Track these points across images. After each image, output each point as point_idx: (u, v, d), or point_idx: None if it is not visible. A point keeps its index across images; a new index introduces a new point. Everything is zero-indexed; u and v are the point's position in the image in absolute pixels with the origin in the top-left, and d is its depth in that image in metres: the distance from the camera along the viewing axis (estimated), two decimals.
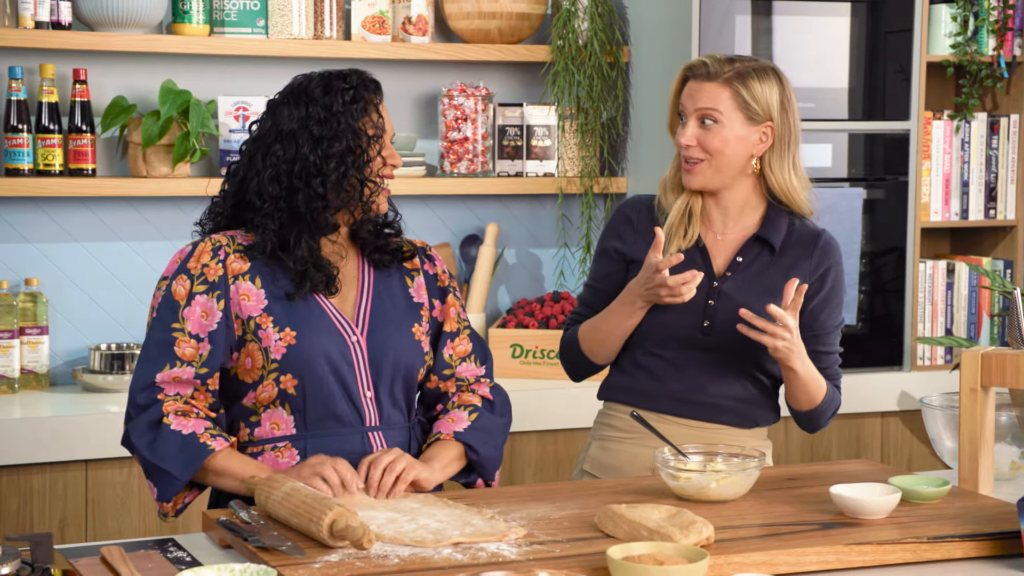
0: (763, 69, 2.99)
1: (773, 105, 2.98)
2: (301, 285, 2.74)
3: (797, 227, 3.04)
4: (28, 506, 3.79)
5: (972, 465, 2.86)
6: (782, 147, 3.00)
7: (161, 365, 2.70)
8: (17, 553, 2.23)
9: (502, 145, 4.60)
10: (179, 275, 2.74)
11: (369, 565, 2.25)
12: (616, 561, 2.17)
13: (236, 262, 2.74)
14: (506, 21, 4.52)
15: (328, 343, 2.73)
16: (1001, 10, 4.70)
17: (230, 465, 2.67)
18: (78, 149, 4.19)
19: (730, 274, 3.00)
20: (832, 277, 3.05)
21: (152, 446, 2.66)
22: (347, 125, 2.72)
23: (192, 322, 2.71)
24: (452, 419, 2.85)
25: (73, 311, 4.30)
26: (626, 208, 3.13)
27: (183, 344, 2.70)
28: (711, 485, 2.63)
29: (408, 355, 2.81)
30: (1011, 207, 4.83)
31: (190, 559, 2.39)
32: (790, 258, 3.02)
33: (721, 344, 2.97)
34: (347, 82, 2.76)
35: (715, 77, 2.96)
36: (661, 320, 2.98)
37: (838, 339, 3.07)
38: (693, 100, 2.98)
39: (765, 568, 2.31)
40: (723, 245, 3.04)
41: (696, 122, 2.97)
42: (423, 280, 2.90)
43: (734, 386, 3.00)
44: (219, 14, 4.32)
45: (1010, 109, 4.84)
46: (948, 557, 2.42)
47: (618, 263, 3.08)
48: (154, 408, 2.69)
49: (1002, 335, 4.82)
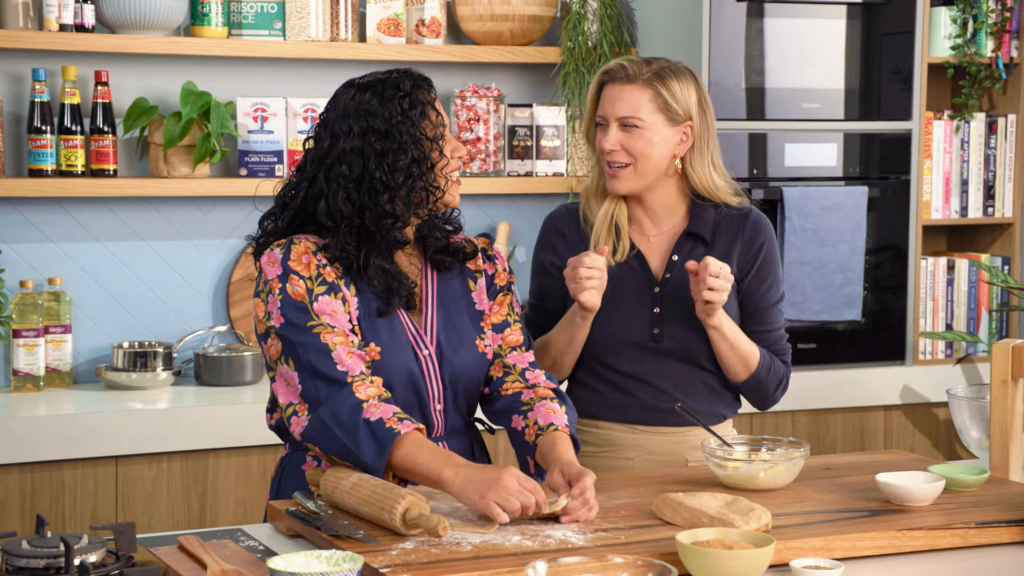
0: (679, 69, 3.01)
1: (692, 104, 3.00)
2: (390, 302, 2.72)
3: (724, 213, 3.07)
4: (60, 502, 3.85)
5: (1003, 453, 2.95)
6: (702, 146, 3.02)
7: (326, 354, 2.62)
8: (103, 542, 2.30)
9: (512, 145, 4.68)
10: (290, 276, 2.66)
11: (444, 552, 2.32)
12: (686, 546, 2.25)
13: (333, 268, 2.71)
14: (518, 23, 4.61)
15: (409, 359, 2.73)
16: (999, 13, 4.82)
17: (414, 456, 2.56)
18: (100, 150, 4.25)
19: (669, 275, 3.04)
20: (765, 252, 3.08)
21: (345, 433, 2.58)
22: (408, 135, 2.69)
23: (327, 316, 2.66)
24: (552, 411, 2.78)
25: (95, 310, 4.36)
26: (554, 220, 3.15)
27: (328, 333, 2.64)
28: (759, 474, 2.72)
29: (474, 369, 2.80)
30: (1008, 205, 4.94)
31: (263, 548, 2.46)
32: (723, 245, 3.05)
33: (674, 348, 3.03)
34: (400, 88, 2.73)
35: (634, 79, 2.97)
36: (612, 332, 3.02)
37: (780, 317, 3.11)
38: (614, 105, 2.98)
39: (823, 552, 2.40)
40: (656, 246, 3.07)
41: (618, 126, 2.98)
42: (484, 283, 2.88)
43: (693, 386, 3.06)
44: (237, 16, 4.38)
45: (1007, 109, 4.95)
46: (995, 542, 2.51)
47: (557, 277, 3.07)
48: (347, 394, 2.60)
49: (1000, 329, 4.93)
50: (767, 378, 3.06)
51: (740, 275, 3.06)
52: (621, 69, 2.99)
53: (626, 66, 3.00)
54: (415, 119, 2.72)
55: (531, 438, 2.78)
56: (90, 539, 2.30)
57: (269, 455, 4.02)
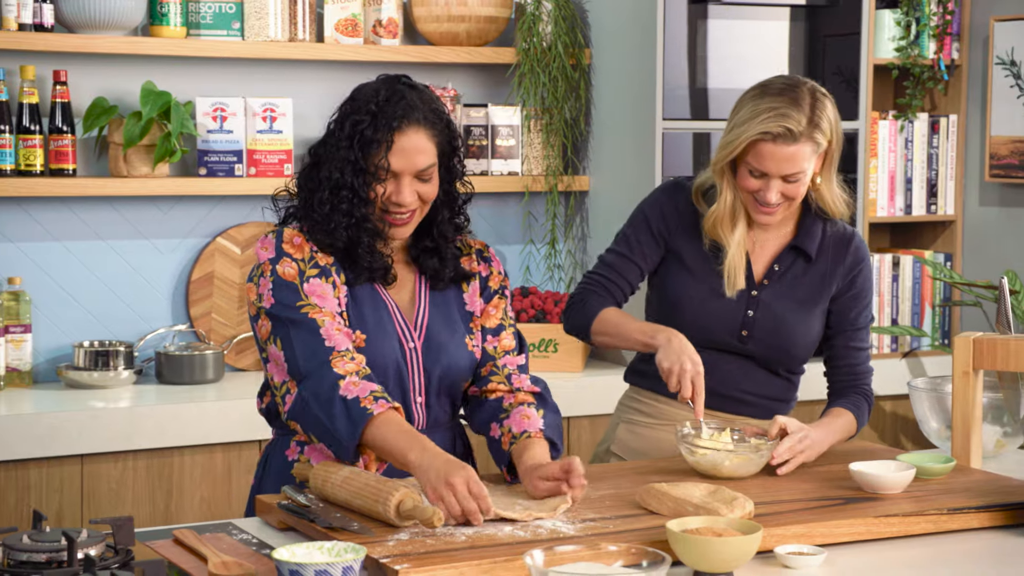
0: (822, 103, 2.99)
1: (834, 127, 3.02)
2: (359, 275, 2.76)
3: (829, 232, 3.14)
4: (26, 500, 3.86)
5: (964, 443, 3.05)
6: (834, 160, 3.07)
7: (315, 331, 2.67)
8: (103, 536, 2.33)
9: (467, 145, 4.74)
10: (282, 258, 2.72)
11: (439, 542, 2.37)
12: (677, 533, 2.32)
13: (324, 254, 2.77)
14: (474, 24, 4.66)
15: (394, 347, 2.78)
16: (941, 16, 4.94)
17: (384, 435, 2.60)
18: (59, 149, 4.26)
19: (767, 282, 3.11)
20: (863, 278, 3.16)
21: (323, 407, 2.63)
22: (347, 162, 2.72)
23: (316, 297, 2.71)
24: (527, 416, 2.82)
25: (54, 310, 4.36)
26: (677, 197, 3.15)
27: (316, 312, 2.69)
28: (725, 463, 2.80)
29: (460, 365, 2.84)
30: (950, 203, 5.07)
31: (256, 541, 2.50)
32: (824, 264, 3.13)
33: (757, 351, 3.12)
34: (366, 114, 2.73)
35: (797, 138, 2.95)
36: (702, 325, 3.07)
37: (868, 336, 3.19)
38: (779, 165, 2.97)
39: (804, 539, 2.47)
40: (762, 252, 3.14)
41: (780, 180, 2.99)
42: (478, 285, 2.91)
43: (764, 385, 3.15)
44: (195, 16, 4.41)
45: (949, 110, 5.07)
46: (966, 527, 2.61)
47: (658, 244, 3.15)
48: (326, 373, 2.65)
49: (943, 324, 5.05)
50: (861, 425, 3.14)
51: (837, 293, 3.13)
52: (784, 130, 2.95)
53: (789, 127, 2.94)
54: (356, 149, 2.72)
55: (506, 446, 2.80)
56: (89, 533, 2.32)
57: (233, 453, 4.05)
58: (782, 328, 3.10)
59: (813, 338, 3.15)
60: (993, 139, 4.87)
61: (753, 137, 2.97)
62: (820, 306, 3.13)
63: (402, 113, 2.71)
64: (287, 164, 4.47)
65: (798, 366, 3.18)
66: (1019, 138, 4.79)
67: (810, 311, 3.11)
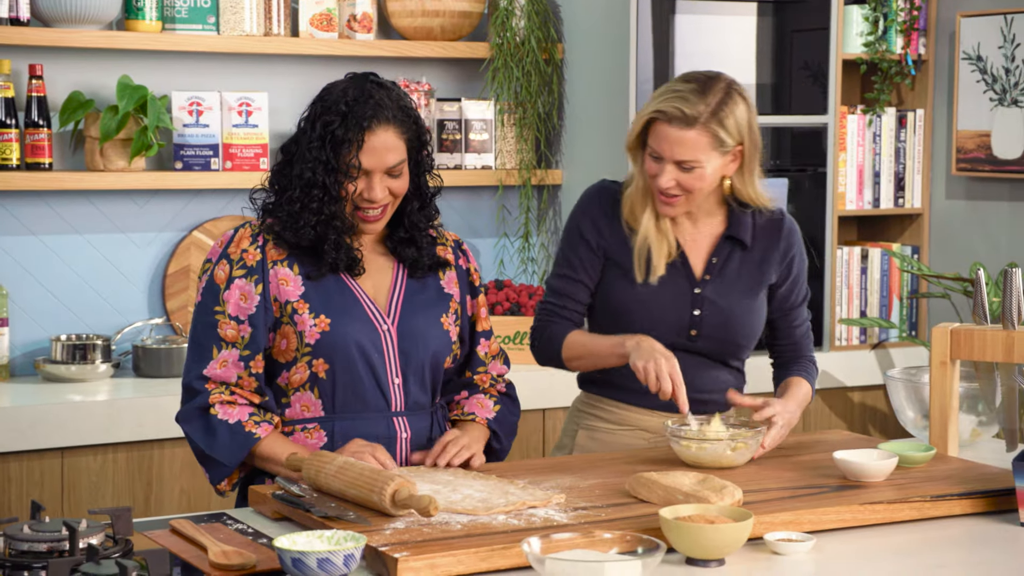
0: (732, 97, 3.00)
1: (743, 129, 3.02)
2: (319, 266, 2.85)
3: (758, 219, 3.18)
4: (6, 493, 3.86)
5: (942, 432, 3.10)
6: (751, 162, 3.08)
7: (208, 349, 2.83)
8: (103, 526, 2.35)
9: (441, 139, 4.77)
10: (221, 260, 2.86)
11: (435, 531, 2.41)
12: (670, 521, 2.36)
13: (275, 248, 2.86)
14: (448, 19, 4.69)
15: (360, 331, 2.86)
16: (908, 11, 5.00)
17: (275, 450, 2.80)
18: (35, 143, 4.26)
19: (708, 277, 3.13)
20: (798, 259, 3.22)
21: (203, 435, 2.81)
22: (318, 162, 2.80)
23: (231, 304, 2.83)
24: (480, 404, 3.01)
25: (30, 303, 4.37)
26: (604, 200, 3.17)
27: (225, 326, 2.83)
28: (727, 452, 2.84)
29: (436, 345, 2.93)
30: (917, 196, 5.13)
31: (252, 531, 2.52)
32: (759, 250, 3.17)
33: (707, 347, 3.14)
34: (336, 115, 2.81)
35: (693, 123, 2.96)
36: (648, 329, 3.07)
37: (806, 311, 3.26)
38: (671, 148, 2.98)
39: (793, 526, 2.52)
40: (697, 247, 3.16)
41: (675, 166, 3.00)
42: (455, 274, 3.01)
43: (715, 379, 3.18)
44: (170, 11, 4.42)
45: (916, 104, 5.14)
46: (948, 514, 2.66)
47: (597, 256, 3.15)
48: (201, 397, 2.82)
49: (911, 316, 5.12)
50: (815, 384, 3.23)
51: (777, 281, 3.18)
52: (679, 112, 2.96)
53: (684, 109, 2.96)
54: (327, 148, 2.80)
55: (451, 415, 3.03)
56: (89, 523, 2.35)
57: None
58: (730, 322, 3.13)
59: (759, 325, 3.19)
60: (959, 133, 4.93)
61: (649, 115, 3.00)
62: (762, 292, 3.17)
63: (372, 113, 2.80)
64: (263, 158, 4.48)
65: (746, 354, 3.21)
66: (985, 132, 4.85)
67: (754, 299, 3.15)
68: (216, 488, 2.85)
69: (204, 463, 2.84)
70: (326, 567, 2.19)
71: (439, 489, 2.65)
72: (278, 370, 2.88)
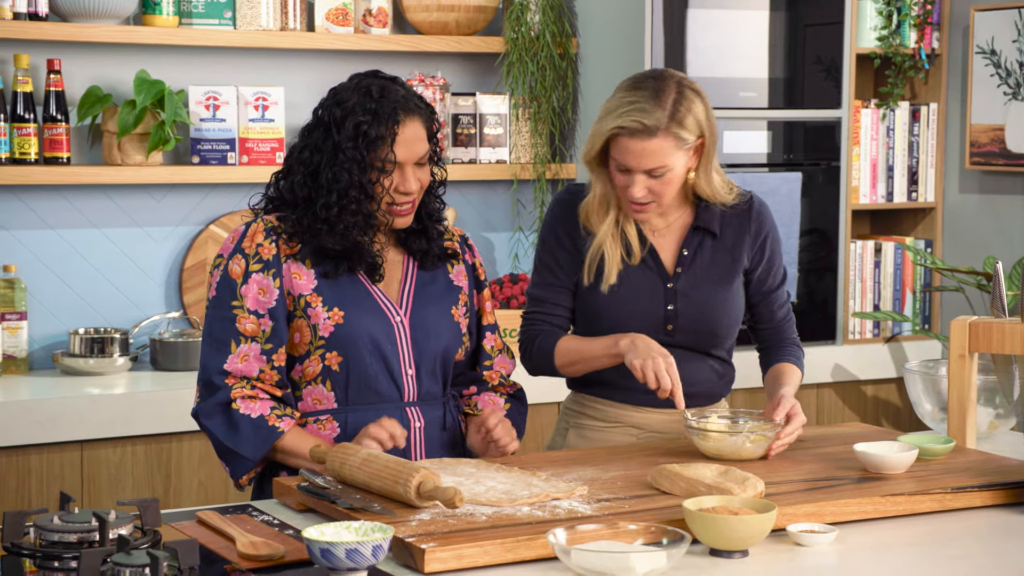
0: (687, 96, 2.98)
1: (702, 124, 3.00)
2: (338, 266, 2.88)
3: (727, 205, 3.14)
4: (26, 485, 3.89)
5: (960, 424, 3.12)
6: (710, 153, 3.06)
7: (227, 344, 2.84)
8: (131, 517, 2.37)
9: (456, 133, 4.79)
10: (235, 255, 2.87)
11: (460, 522, 2.42)
12: (694, 512, 2.38)
13: (288, 243, 2.88)
14: (463, 13, 4.71)
15: (373, 324, 2.89)
16: (921, 5, 5.01)
17: (297, 444, 2.82)
18: (53, 138, 4.28)
19: (680, 270, 3.12)
20: (770, 241, 3.19)
21: (226, 430, 2.83)
22: (354, 162, 2.82)
23: (250, 299, 2.84)
24: (492, 401, 3.07)
25: (49, 297, 4.39)
26: (575, 203, 3.14)
27: (244, 320, 2.84)
28: (746, 444, 2.86)
29: (448, 336, 2.97)
30: (930, 190, 5.15)
31: (278, 522, 2.54)
32: (730, 237, 3.15)
33: (685, 340, 3.14)
34: (366, 113, 2.83)
35: (655, 132, 2.94)
36: (625, 326, 3.08)
37: (785, 293, 3.25)
38: (639, 159, 2.96)
39: (815, 517, 2.54)
40: (666, 241, 3.15)
41: (644, 175, 2.98)
42: (463, 268, 3.05)
43: (700, 371, 3.17)
44: (187, 5, 4.43)
45: (929, 98, 5.16)
46: (969, 505, 2.68)
47: (575, 257, 3.14)
48: (222, 392, 2.84)
49: (924, 309, 5.14)
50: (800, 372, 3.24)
51: (750, 266, 3.17)
52: (639, 125, 2.94)
53: (644, 121, 2.94)
54: (364, 149, 2.83)
55: (465, 408, 3.07)
56: (118, 514, 2.37)
57: None
58: (706, 313, 3.12)
59: (738, 313, 3.18)
60: (973, 127, 4.95)
61: (609, 132, 2.98)
62: (736, 280, 3.16)
63: (400, 106, 2.85)
64: (279, 152, 4.50)
65: (728, 343, 3.21)
66: (998, 126, 4.87)
67: (728, 288, 3.14)
68: (237, 482, 2.87)
69: (224, 457, 2.86)
70: (354, 557, 2.21)
71: (462, 481, 2.66)
72: (291, 363, 2.90)
